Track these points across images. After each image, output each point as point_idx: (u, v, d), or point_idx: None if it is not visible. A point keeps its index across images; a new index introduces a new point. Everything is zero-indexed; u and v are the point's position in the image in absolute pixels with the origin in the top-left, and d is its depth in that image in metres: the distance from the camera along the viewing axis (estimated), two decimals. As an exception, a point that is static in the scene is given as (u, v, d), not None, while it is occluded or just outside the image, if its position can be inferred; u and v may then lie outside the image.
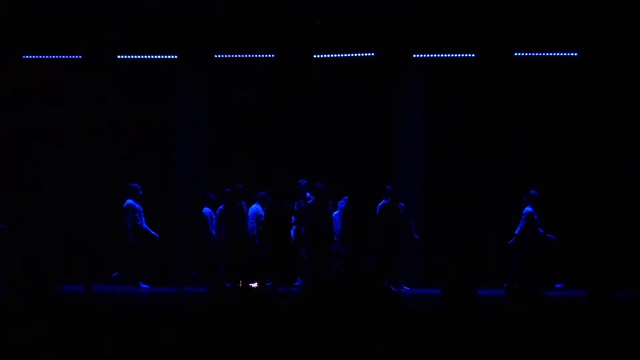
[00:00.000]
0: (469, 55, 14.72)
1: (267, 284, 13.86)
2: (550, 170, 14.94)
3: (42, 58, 15.27)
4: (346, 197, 14.36)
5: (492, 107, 15.05)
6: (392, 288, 13.20)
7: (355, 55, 14.93)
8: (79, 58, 15.11)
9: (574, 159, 14.92)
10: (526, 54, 14.55)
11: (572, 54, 14.48)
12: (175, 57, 15.22)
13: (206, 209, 14.22)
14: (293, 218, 13.90)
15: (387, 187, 14.12)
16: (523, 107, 14.99)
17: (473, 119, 15.14)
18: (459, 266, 14.19)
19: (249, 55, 15.18)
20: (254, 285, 13.37)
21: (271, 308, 6.66)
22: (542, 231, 13.94)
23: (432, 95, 15.24)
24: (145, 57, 15.19)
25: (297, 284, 14.10)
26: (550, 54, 14.51)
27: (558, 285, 13.80)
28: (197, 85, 15.59)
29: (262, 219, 14.03)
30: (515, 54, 14.50)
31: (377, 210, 14.00)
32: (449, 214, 15.03)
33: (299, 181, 14.26)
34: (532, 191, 13.94)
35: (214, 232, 14.16)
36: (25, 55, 15.21)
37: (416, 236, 14.11)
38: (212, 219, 14.22)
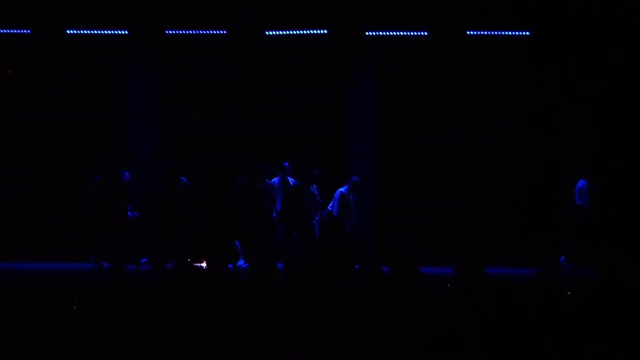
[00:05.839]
0: (422, 33, 14.65)
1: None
2: (502, 147, 15.02)
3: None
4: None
5: (445, 85, 15.05)
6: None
7: (308, 32, 14.80)
8: (27, 33, 14.91)
9: (527, 136, 15.02)
10: (478, 32, 14.52)
11: (523, 33, 14.46)
12: (125, 32, 15.02)
13: None
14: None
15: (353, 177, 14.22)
16: (475, 85, 15.02)
17: (425, 96, 15.13)
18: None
19: (201, 32, 15.00)
20: (202, 264, 13.25)
21: (221, 287, 6.63)
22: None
23: (384, 73, 15.17)
24: (95, 32, 14.95)
25: (240, 263, 14.10)
26: (502, 32, 14.48)
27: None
28: (148, 61, 15.39)
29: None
30: (467, 32, 14.48)
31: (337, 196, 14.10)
32: (402, 193, 15.06)
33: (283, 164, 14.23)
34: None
35: None
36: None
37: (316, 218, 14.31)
38: None
